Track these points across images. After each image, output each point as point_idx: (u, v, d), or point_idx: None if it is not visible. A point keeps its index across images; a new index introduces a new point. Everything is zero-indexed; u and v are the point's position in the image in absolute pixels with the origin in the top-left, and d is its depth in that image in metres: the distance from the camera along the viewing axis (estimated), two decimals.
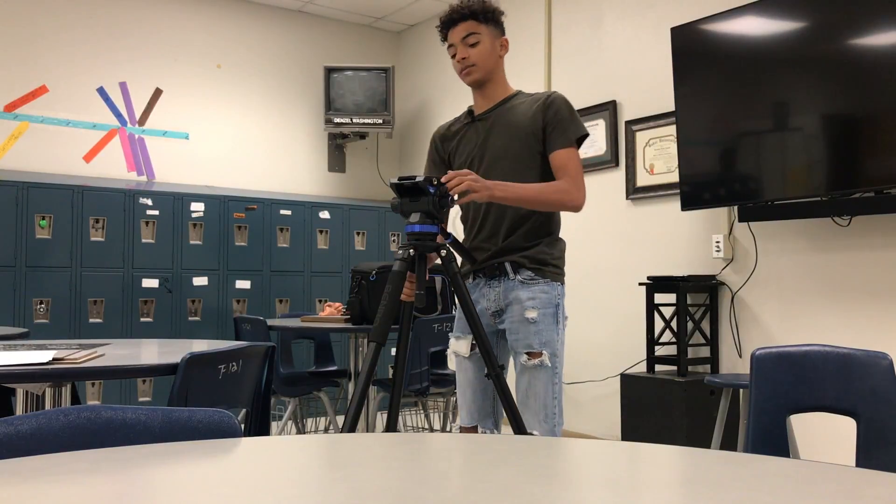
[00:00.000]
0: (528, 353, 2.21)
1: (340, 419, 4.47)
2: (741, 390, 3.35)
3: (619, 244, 4.48)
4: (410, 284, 2.12)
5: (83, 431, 0.89)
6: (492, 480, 0.74)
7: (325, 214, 5.58)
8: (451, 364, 2.44)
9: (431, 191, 1.98)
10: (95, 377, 1.71)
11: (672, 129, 4.06)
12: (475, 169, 2.27)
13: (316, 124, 6.03)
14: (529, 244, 2.28)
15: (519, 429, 2.10)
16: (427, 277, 2.08)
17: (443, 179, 2.04)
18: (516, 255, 2.28)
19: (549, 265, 2.28)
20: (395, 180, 2.02)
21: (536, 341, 2.21)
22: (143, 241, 4.86)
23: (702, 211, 3.96)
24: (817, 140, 3.31)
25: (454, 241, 2.17)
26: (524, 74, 5.04)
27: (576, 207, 2.24)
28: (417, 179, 1.98)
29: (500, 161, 2.28)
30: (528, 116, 2.29)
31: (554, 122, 2.26)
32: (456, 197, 2.04)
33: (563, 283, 2.32)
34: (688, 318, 3.78)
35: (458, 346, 2.37)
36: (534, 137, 2.27)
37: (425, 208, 2.02)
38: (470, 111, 2.41)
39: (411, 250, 2.07)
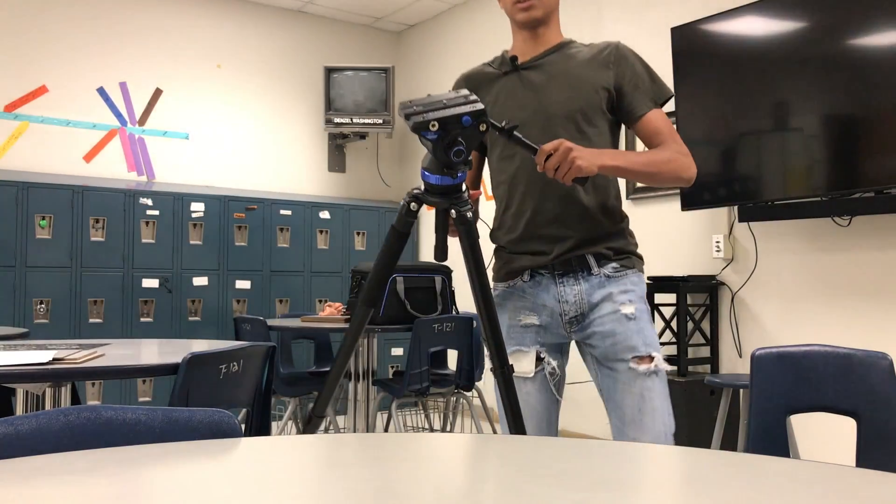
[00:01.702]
0: (636, 358, 1.73)
1: (341, 419, 4.47)
2: (741, 390, 3.35)
3: None
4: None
5: (83, 431, 0.89)
6: (492, 480, 0.74)
7: (325, 214, 5.58)
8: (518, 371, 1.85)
9: (429, 137, 1.45)
10: (95, 377, 1.71)
11: None
12: (529, 134, 1.65)
13: (316, 124, 6.03)
14: (614, 230, 1.82)
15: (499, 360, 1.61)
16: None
17: (539, 168, 1.57)
18: (601, 245, 1.80)
19: (634, 255, 1.85)
20: (399, 110, 1.49)
21: (641, 342, 1.74)
22: (143, 241, 4.86)
23: (702, 211, 3.96)
24: (817, 140, 3.31)
25: (509, 131, 1.59)
26: None
27: (691, 179, 1.80)
28: (410, 118, 1.44)
29: (566, 123, 1.78)
30: (594, 69, 1.81)
31: (633, 79, 1.80)
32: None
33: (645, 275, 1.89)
34: (688, 318, 3.78)
35: (520, 365, 1.82)
36: (600, 96, 1.80)
37: (433, 155, 1.50)
38: (509, 59, 1.87)
39: (413, 203, 1.56)
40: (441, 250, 1.58)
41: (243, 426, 1.88)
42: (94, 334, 4.63)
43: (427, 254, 5.98)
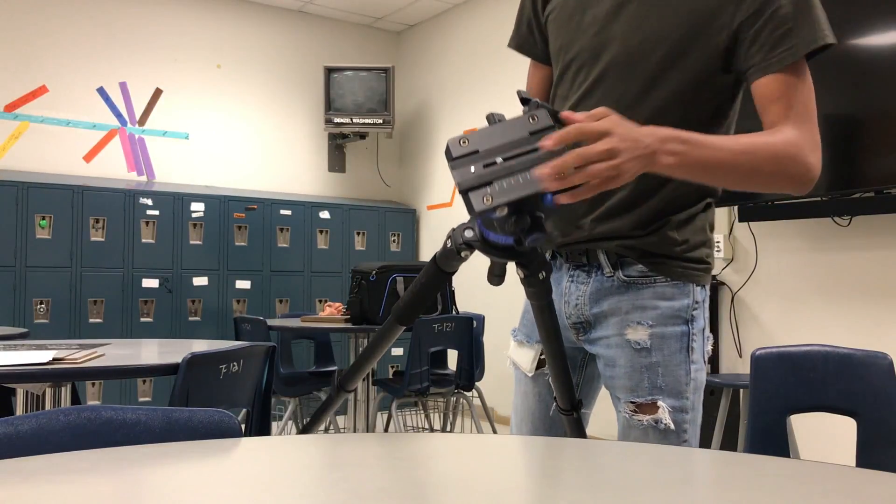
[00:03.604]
0: (633, 404, 1.30)
1: (341, 419, 4.47)
2: (741, 390, 3.35)
3: None
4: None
5: (83, 431, 0.89)
6: (492, 480, 0.74)
7: (325, 214, 5.58)
8: (511, 368, 1.52)
9: (494, 217, 0.97)
10: (95, 377, 1.72)
11: None
12: (590, 75, 1.23)
13: (316, 124, 6.03)
14: (654, 220, 1.29)
15: (566, 398, 1.26)
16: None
17: (551, 142, 0.94)
18: (620, 240, 1.30)
19: (680, 259, 1.29)
20: (450, 159, 0.97)
21: (646, 383, 1.28)
22: (143, 241, 4.86)
23: None
24: None
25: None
26: (524, 75, 5.04)
27: (808, 185, 1.18)
28: (469, 193, 0.95)
29: (651, 65, 1.22)
30: None
31: (765, 15, 1.18)
32: (551, 197, 0.95)
33: (705, 286, 1.33)
34: None
35: (520, 357, 1.46)
36: (715, 33, 1.20)
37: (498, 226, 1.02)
38: None
39: (466, 252, 1.09)
40: (499, 274, 1.11)
41: (243, 426, 1.88)
42: (94, 334, 4.63)
43: (427, 254, 5.98)
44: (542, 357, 1.42)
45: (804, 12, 1.20)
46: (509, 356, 1.50)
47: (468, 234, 1.10)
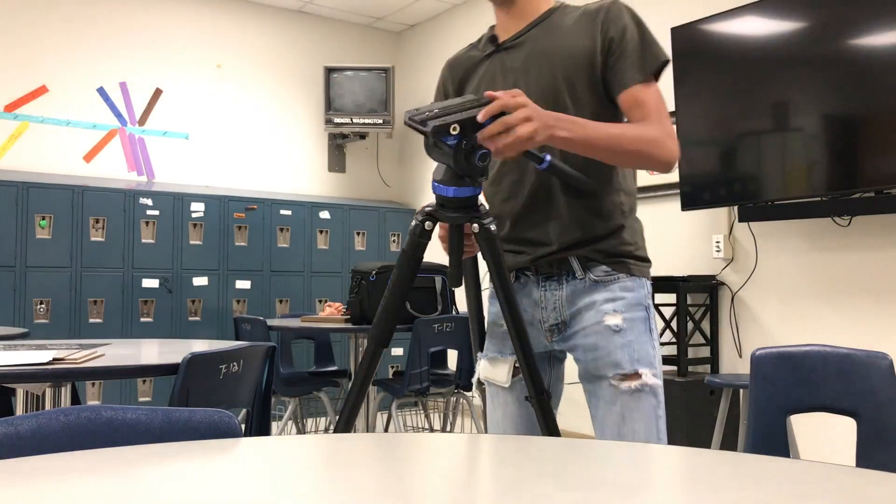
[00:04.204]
0: (620, 375, 1.53)
1: None
2: (741, 390, 3.35)
3: None
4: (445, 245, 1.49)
5: (83, 431, 0.89)
6: (492, 480, 0.74)
7: (325, 214, 5.58)
8: (480, 392, 1.77)
9: (449, 143, 1.31)
10: (95, 377, 1.71)
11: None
12: None
13: (316, 124, 6.03)
14: (606, 231, 1.59)
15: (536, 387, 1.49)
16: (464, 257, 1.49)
17: (481, 115, 1.30)
18: (587, 248, 1.58)
19: (631, 256, 1.61)
20: (406, 119, 1.31)
21: (626, 357, 1.53)
22: (143, 241, 4.86)
23: (702, 211, 3.96)
24: (817, 140, 3.31)
25: (553, 167, 1.47)
26: None
27: (669, 163, 1.51)
28: (428, 122, 1.29)
29: (546, 109, 1.48)
30: (580, 37, 1.56)
31: (621, 43, 1.53)
32: (493, 149, 1.33)
33: (649, 278, 1.64)
34: (688, 318, 3.78)
35: (495, 373, 1.66)
36: (590, 68, 1.55)
37: (449, 163, 1.36)
38: (493, 37, 1.71)
39: (427, 222, 1.44)
40: (456, 275, 1.46)
41: (243, 426, 1.88)
42: (94, 334, 4.63)
43: (427, 254, 5.97)
44: (517, 366, 1.61)
45: (645, 41, 1.56)
46: (480, 378, 1.70)
47: (427, 208, 1.43)
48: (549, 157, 1.45)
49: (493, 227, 1.43)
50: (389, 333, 1.47)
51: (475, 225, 1.42)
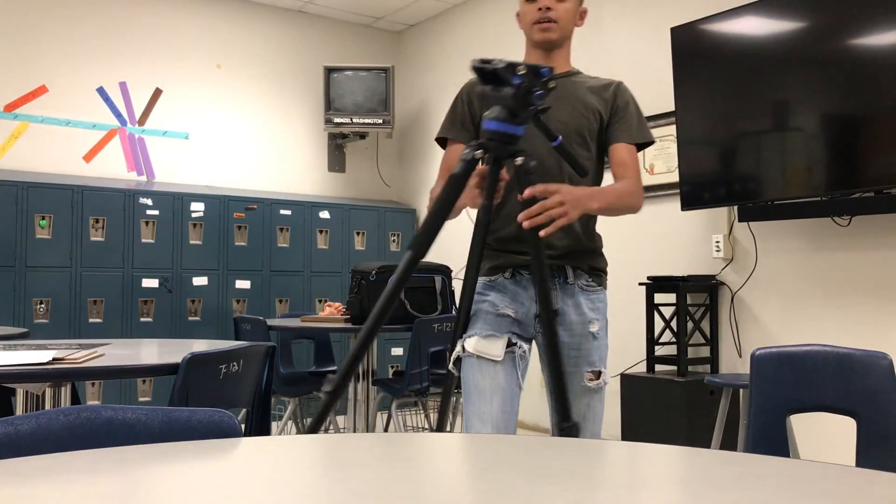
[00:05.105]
0: (591, 373, 1.95)
1: (341, 419, 4.47)
2: (741, 390, 3.35)
3: (619, 244, 4.48)
4: (476, 190, 1.67)
5: (83, 431, 0.89)
6: (492, 480, 0.74)
7: (325, 214, 5.58)
8: (465, 367, 1.97)
9: (515, 81, 1.55)
10: (95, 377, 1.72)
11: (672, 129, 4.06)
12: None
13: (316, 124, 6.03)
14: (592, 247, 2.02)
15: (564, 414, 1.69)
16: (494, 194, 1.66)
17: (527, 192, 1.61)
18: (581, 260, 1.98)
19: (605, 272, 2.04)
20: (476, 62, 1.58)
21: (597, 359, 1.96)
22: (143, 241, 4.86)
23: (702, 211, 3.96)
24: (817, 140, 3.31)
25: (562, 147, 1.72)
26: None
27: (640, 208, 1.98)
28: (497, 65, 1.55)
29: (567, 142, 1.86)
30: (596, 95, 2.00)
31: (624, 112, 1.99)
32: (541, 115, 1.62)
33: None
34: (688, 318, 3.78)
35: (490, 348, 1.92)
36: (597, 120, 1.98)
37: (506, 103, 1.60)
38: None
39: (478, 151, 1.62)
40: (488, 208, 1.65)
41: (243, 426, 1.88)
42: (94, 334, 4.63)
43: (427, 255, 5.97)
44: (512, 341, 1.93)
45: (641, 119, 2.02)
46: (471, 350, 1.94)
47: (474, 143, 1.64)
48: (560, 138, 1.68)
49: (532, 164, 1.63)
50: (428, 245, 1.62)
51: (519, 159, 1.62)
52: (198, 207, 5.06)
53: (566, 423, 1.69)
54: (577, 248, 1.95)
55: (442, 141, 2.10)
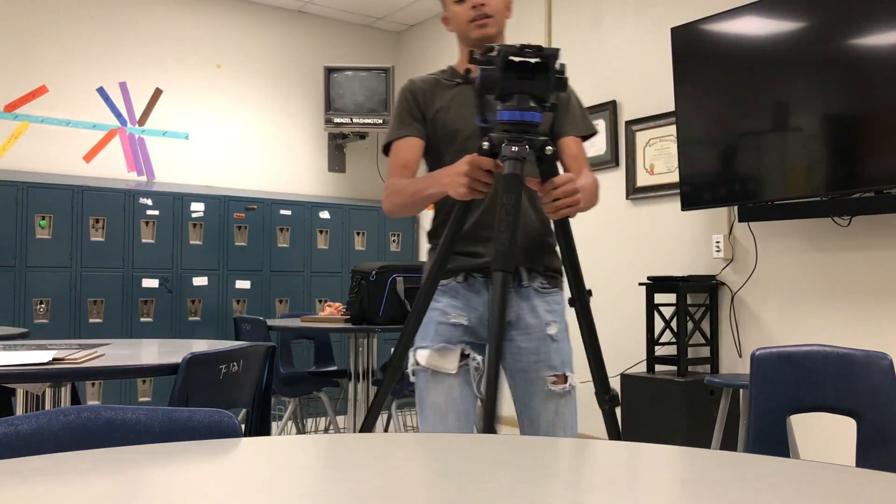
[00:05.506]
0: (554, 377, 1.86)
1: (341, 419, 4.47)
2: (741, 390, 3.35)
3: (619, 244, 4.48)
4: (480, 182, 1.60)
5: (83, 431, 0.89)
6: (492, 480, 0.74)
7: (325, 214, 5.58)
8: (419, 382, 1.88)
9: (557, 66, 1.51)
10: (95, 377, 1.72)
11: (672, 129, 4.06)
12: (473, 146, 1.72)
13: (316, 124, 6.03)
14: (548, 247, 1.94)
15: (604, 386, 1.75)
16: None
17: (553, 191, 1.59)
18: (535, 260, 1.90)
19: (560, 272, 1.95)
20: (516, 50, 1.52)
21: (559, 362, 1.87)
22: (143, 241, 4.86)
23: (702, 211, 3.96)
24: (817, 140, 3.31)
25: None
26: None
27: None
28: (550, 52, 1.51)
29: None
30: None
31: (567, 105, 1.95)
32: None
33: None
34: (688, 318, 3.78)
35: (444, 361, 1.84)
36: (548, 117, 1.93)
37: (541, 93, 1.55)
38: (463, 72, 1.94)
39: (527, 146, 1.56)
40: (513, 184, 1.57)
41: (243, 426, 1.88)
42: (94, 334, 4.63)
43: (426, 254, 5.97)
44: (465, 353, 1.84)
45: (583, 111, 2.00)
46: (423, 365, 1.85)
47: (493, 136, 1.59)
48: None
49: (549, 148, 1.59)
50: (514, 258, 1.60)
51: (549, 148, 1.59)
52: (198, 207, 5.06)
53: (607, 395, 1.76)
54: (533, 244, 1.88)
55: (389, 147, 1.99)
